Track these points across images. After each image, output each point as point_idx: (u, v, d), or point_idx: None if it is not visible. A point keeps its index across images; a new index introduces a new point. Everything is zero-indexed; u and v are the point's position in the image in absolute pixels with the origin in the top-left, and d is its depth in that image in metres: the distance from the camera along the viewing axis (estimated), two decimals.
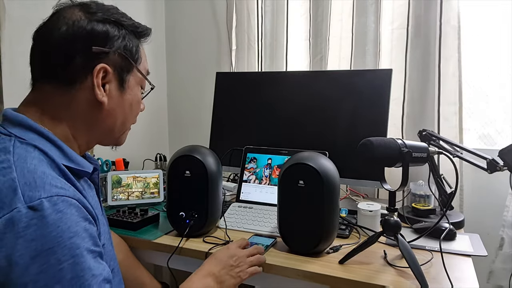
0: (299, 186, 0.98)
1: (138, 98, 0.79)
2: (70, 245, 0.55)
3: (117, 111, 0.74)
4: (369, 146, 0.90)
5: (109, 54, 0.70)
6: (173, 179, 1.13)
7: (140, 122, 0.77)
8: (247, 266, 0.92)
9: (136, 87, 0.77)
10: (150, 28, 0.80)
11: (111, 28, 0.70)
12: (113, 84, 0.72)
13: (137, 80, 0.77)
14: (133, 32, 0.75)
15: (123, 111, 0.76)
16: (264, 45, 1.76)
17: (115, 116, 0.74)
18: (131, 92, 0.75)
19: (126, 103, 0.75)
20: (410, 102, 1.50)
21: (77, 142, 0.72)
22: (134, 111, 0.79)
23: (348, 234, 1.13)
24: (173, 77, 2.08)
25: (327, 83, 1.42)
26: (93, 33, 0.68)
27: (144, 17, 1.94)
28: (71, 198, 0.58)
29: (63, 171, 0.63)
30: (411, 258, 0.88)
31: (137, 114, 0.81)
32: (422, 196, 1.31)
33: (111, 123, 0.75)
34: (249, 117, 1.53)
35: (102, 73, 0.69)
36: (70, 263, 0.55)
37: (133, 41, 0.74)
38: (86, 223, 0.60)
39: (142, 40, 0.78)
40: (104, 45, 0.69)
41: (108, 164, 1.48)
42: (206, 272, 0.89)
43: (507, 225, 1.34)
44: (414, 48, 1.47)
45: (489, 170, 1.11)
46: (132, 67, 0.74)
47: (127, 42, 0.73)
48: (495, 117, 1.50)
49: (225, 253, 0.93)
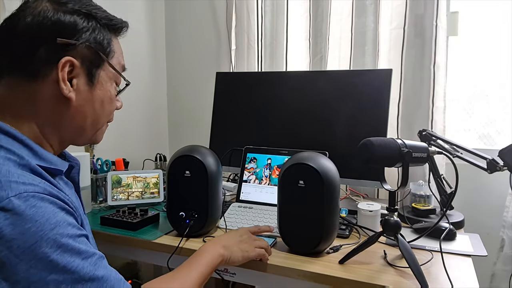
0: (299, 186, 0.98)
1: (111, 94, 0.74)
2: (53, 237, 0.55)
3: (86, 107, 0.70)
4: (369, 146, 0.90)
5: (76, 46, 0.66)
6: (173, 179, 1.12)
7: (140, 122, 0.76)
8: (254, 246, 0.94)
9: (108, 82, 0.73)
10: (126, 22, 0.75)
11: (80, 20, 0.66)
12: (81, 79, 0.68)
13: (110, 76, 0.73)
14: (106, 25, 0.71)
15: (93, 108, 0.71)
16: (264, 45, 1.76)
17: (84, 113, 0.70)
18: (101, 87, 0.71)
19: (96, 100, 0.71)
20: (405, 102, 1.51)
21: (48, 142, 0.69)
22: (106, 109, 0.74)
23: (348, 234, 1.13)
24: (173, 77, 2.08)
25: (327, 83, 1.42)
26: (59, 24, 0.65)
27: (144, 17, 1.94)
28: (40, 193, 0.57)
29: (33, 169, 0.61)
30: (411, 258, 0.88)
31: (111, 112, 0.77)
32: (422, 196, 1.31)
33: (80, 120, 0.71)
34: (249, 117, 1.53)
35: (68, 67, 0.65)
36: (59, 253, 0.55)
37: (106, 34, 0.70)
38: (64, 212, 0.59)
39: (117, 34, 0.75)
40: (71, 37, 0.65)
41: (108, 164, 1.48)
42: (217, 242, 0.92)
43: (507, 225, 1.34)
44: (410, 48, 1.47)
45: (489, 170, 1.11)
46: (103, 61, 0.70)
47: (98, 35, 0.69)
48: (495, 117, 1.50)
49: (234, 231, 1.00)
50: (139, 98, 1.93)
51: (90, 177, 1.39)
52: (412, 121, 1.49)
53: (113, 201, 1.37)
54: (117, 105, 0.79)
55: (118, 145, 1.76)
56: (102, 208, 1.39)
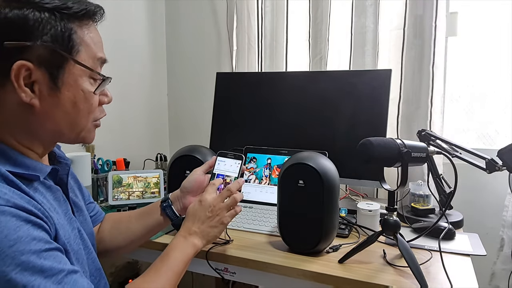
0: (299, 186, 0.99)
1: (85, 93, 0.65)
2: (12, 254, 0.51)
3: (55, 112, 0.63)
4: (368, 146, 0.90)
5: (30, 47, 0.58)
6: (174, 179, 1.13)
7: (141, 122, 0.76)
8: (226, 211, 0.88)
9: (79, 81, 0.64)
10: (93, 5, 0.66)
11: (30, 14, 0.58)
12: (42, 82, 0.61)
13: (79, 73, 0.64)
14: (65, 14, 0.61)
15: (65, 112, 0.64)
16: (264, 45, 1.76)
17: (54, 118, 0.64)
18: (70, 88, 0.63)
19: (65, 103, 0.64)
20: (405, 102, 1.51)
21: (28, 147, 0.66)
22: (82, 109, 0.66)
23: (348, 233, 1.13)
24: (173, 77, 2.09)
25: (326, 83, 1.42)
26: (7, 24, 0.57)
27: (144, 17, 1.94)
28: (2, 205, 0.53)
29: (3, 175, 0.57)
30: (410, 257, 0.88)
31: (91, 110, 0.68)
32: (421, 195, 1.31)
33: (53, 125, 0.65)
34: (249, 117, 1.54)
35: (24, 72, 0.59)
36: (18, 271, 0.51)
37: (65, 26, 0.61)
38: (29, 225, 0.55)
39: (86, 23, 0.65)
40: (22, 37, 0.58)
41: (109, 164, 1.48)
42: (187, 232, 0.85)
43: (506, 225, 1.34)
44: (410, 48, 1.48)
45: (488, 170, 1.11)
46: (65, 59, 0.62)
47: (54, 29, 0.60)
48: (494, 117, 1.51)
49: (199, 208, 0.87)
50: (140, 98, 1.94)
51: (91, 177, 1.40)
52: (412, 121, 1.49)
53: (114, 201, 1.38)
54: (103, 101, 0.71)
55: (118, 145, 1.76)
56: (103, 207, 1.39)
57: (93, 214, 0.94)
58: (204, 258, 1.01)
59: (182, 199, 0.95)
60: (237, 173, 0.96)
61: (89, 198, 0.94)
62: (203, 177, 0.96)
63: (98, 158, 1.47)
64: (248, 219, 1.21)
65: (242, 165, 0.97)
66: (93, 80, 0.67)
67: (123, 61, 1.79)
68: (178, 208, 0.94)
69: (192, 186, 0.95)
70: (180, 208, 0.94)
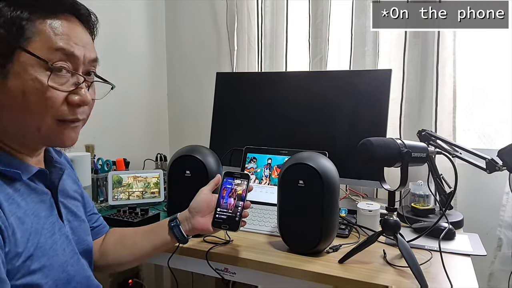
0: (299, 186, 0.99)
1: (39, 84, 0.62)
2: None
3: (6, 102, 0.62)
4: (368, 146, 0.90)
5: None
6: (174, 179, 1.13)
7: (141, 122, 0.76)
8: None
9: (30, 70, 0.61)
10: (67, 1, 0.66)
11: None
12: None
13: (30, 62, 0.61)
14: (17, 3, 0.61)
15: (15, 101, 0.62)
16: (264, 45, 1.76)
17: (7, 108, 0.62)
18: (18, 77, 0.61)
19: (13, 90, 0.61)
20: (408, 102, 1.51)
21: (10, 146, 0.66)
22: (33, 101, 0.62)
23: (348, 233, 1.13)
24: (173, 77, 2.09)
25: (326, 84, 1.42)
26: None
27: (144, 17, 1.94)
28: None
29: None
30: (410, 257, 0.88)
31: (48, 104, 0.63)
32: (422, 195, 1.31)
33: (9, 116, 0.63)
34: (249, 117, 1.54)
35: None
36: None
37: (17, 14, 0.61)
38: None
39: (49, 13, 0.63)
40: None
41: (109, 164, 1.48)
42: None
43: (504, 225, 1.34)
44: (413, 48, 1.48)
45: (488, 170, 1.11)
46: (14, 47, 0.60)
47: (4, 17, 0.60)
48: (494, 117, 1.51)
49: None
50: (140, 98, 1.94)
51: (91, 177, 1.40)
52: (414, 121, 1.49)
53: (114, 201, 1.38)
54: (73, 99, 0.65)
55: (118, 145, 1.76)
56: (103, 208, 1.39)
57: (96, 226, 0.93)
58: (204, 258, 1.01)
59: (191, 219, 0.93)
60: (244, 191, 0.95)
61: (93, 209, 0.93)
62: (211, 196, 0.95)
63: (98, 158, 1.47)
64: (248, 219, 1.21)
65: (249, 184, 0.96)
66: (51, 72, 0.63)
67: (123, 61, 1.79)
68: (187, 228, 0.93)
69: (201, 206, 0.94)
70: (189, 228, 0.93)
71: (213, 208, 0.94)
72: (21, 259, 0.60)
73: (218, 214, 0.93)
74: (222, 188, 0.96)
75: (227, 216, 0.92)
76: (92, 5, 0.73)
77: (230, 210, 0.93)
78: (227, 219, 0.92)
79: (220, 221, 0.92)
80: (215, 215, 0.93)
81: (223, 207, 0.93)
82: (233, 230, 0.92)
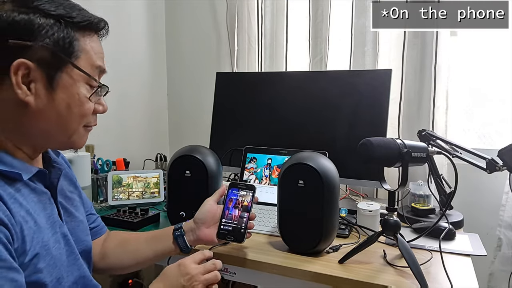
0: (299, 186, 0.99)
1: (81, 97, 0.68)
2: None
3: (48, 112, 0.65)
4: (368, 146, 0.90)
5: (31, 48, 0.62)
6: (174, 179, 1.13)
7: (140, 122, 0.76)
8: (203, 286, 0.77)
9: (75, 85, 0.67)
10: (97, 18, 0.69)
11: (36, 19, 0.62)
12: (39, 82, 0.63)
13: (77, 78, 0.67)
14: (68, 22, 0.65)
15: (58, 113, 0.66)
16: (264, 45, 1.76)
17: (46, 118, 0.66)
18: (65, 91, 0.66)
19: (59, 104, 0.66)
20: (406, 102, 1.51)
21: (18, 147, 0.67)
22: (75, 112, 0.68)
23: (348, 233, 1.13)
24: (173, 77, 2.09)
25: (327, 83, 1.42)
26: (13, 24, 0.61)
27: (145, 17, 1.94)
28: None
29: None
30: (410, 257, 0.88)
31: (83, 115, 0.69)
32: (422, 196, 1.31)
33: (45, 125, 0.66)
34: (249, 117, 1.54)
35: (23, 70, 0.62)
36: None
37: (68, 33, 0.65)
38: None
39: (89, 34, 0.68)
40: (26, 37, 0.61)
41: (109, 164, 1.48)
42: None
43: (504, 225, 1.34)
44: (412, 48, 1.48)
45: (489, 170, 1.11)
46: (65, 63, 0.65)
47: (57, 34, 0.63)
48: (494, 117, 1.51)
49: (176, 272, 0.78)
50: (140, 98, 1.94)
51: (90, 177, 1.40)
52: (413, 121, 1.49)
53: (113, 201, 1.38)
54: (98, 109, 0.72)
55: (118, 145, 1.76)
56: (103, 208, 1.39)
57: (94, 227, 0.93)
58: None
59: (197, 230, 0.93)
60: (249, 202, 0.95)
61: (90, 209, 0.93)
62: (216, 207, 0.96)
63: (98, 158, 1.47)
64: None
65: (255, 195, 0.96)
66: (90, 86, 0.69)
67: (123, 61, 1.79)
68: (191, 239, 0.93)
69: (206, 217, 0.93)
70: (193, 239, 0.93)
71: (218, 219, 0.94)
72: (28, 257, 0.61)
73: (223, 225, 0.93)
74: (227, 199, 0.96)
75: (232, 228, 0.92)
76: (92, 5, 0.73)
77: (235, 221, 0.93)
78: (232, 230, 0.92)
79: (225, 233, 0.92)
80: (220, 227, 0.93)
81: (228, 218, 0.93)
82: (238, 241, 0.92)
